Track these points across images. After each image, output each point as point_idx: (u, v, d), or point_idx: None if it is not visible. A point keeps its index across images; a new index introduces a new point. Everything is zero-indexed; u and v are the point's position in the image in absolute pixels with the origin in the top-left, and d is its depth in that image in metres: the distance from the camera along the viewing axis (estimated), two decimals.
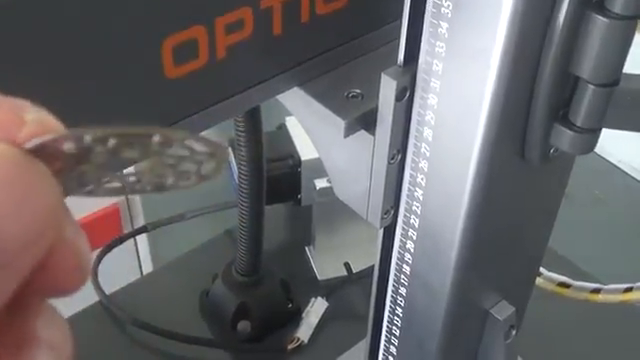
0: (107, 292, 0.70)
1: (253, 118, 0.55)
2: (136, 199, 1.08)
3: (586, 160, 0.40)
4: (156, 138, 0.18)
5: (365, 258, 0.72)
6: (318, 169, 0.68)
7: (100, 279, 0.71)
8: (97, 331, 0.69)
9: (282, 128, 0.73)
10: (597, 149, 0.34)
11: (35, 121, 0.17)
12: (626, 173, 1.85)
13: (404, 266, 0.41)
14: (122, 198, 1.05)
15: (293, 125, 0.72)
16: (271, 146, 0.67)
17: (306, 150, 0.70)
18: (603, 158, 1.84)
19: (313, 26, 0.37)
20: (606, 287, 0.52)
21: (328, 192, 0.68)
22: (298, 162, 0.69)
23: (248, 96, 0.36)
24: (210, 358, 0.67)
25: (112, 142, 0.18)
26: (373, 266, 0.44)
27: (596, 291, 0.53)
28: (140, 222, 1.08)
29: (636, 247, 1.63)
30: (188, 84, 0.33)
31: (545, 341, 0.66)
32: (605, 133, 0.33)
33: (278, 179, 0.69)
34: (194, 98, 0.34)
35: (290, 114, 0.41)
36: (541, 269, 0.52)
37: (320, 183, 0.69)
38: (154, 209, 1.05)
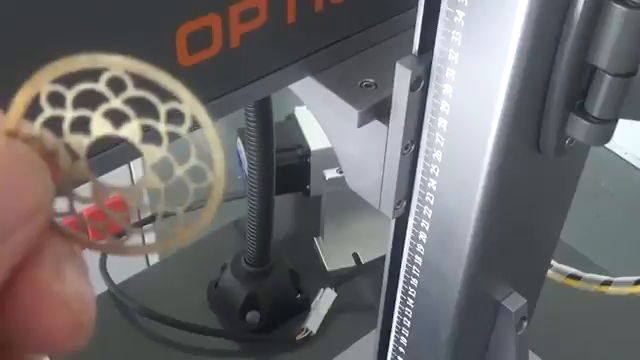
0: (116, 282, 0.70)
1: (263, 108, 0.55)
2: (144, 189, 1.08)
3: (592, 152, 0.40)
4: (106, 75, 0.18)
5: (374, 249, 0.72)
6: (327, 159, 0.68)
7: (108, 269, 0.71)
8: (105, 320, 0.69)
9: (291, 118, 0.72)
10: None
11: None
12: (632, 165, 1.84)
13: (416, 257, 0.41)
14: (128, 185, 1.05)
15: (302, 115, 0.72)
16: (280, 136, 0.67)
17: (315, 140, 0.69)
18: (609, 150, 1.83)
19: (327, 15, 0.36)
20: (616, 279, 0.52)
21: (337, 182, 0.68)
22: (307, 152, 0.69)
23: (261, 85, 0.35)
24: (219, 348, 0.67)
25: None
26: (382, 257, 0.44)
27: (606, 283, 0.53)
28: (147, 212, 1.08)
29: None
30: (201, 72, 0.33)
31: (555, 333, 0.66)
32: None
33: (287, 169, 0.69)
34: (207, 86, 0.34)
35: (300, 104, 0.41)
36: (552, 261, 0.52)
37: (329, 173, 0.69)
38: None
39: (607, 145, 1.76)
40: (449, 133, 0.35)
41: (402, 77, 0.34)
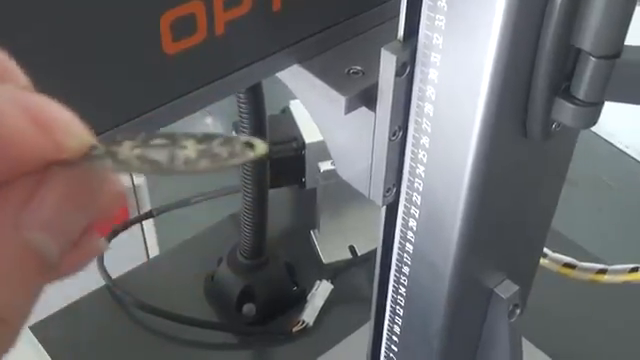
0: (113, 276, 0.71)
1: (256, 99, 0.55)
2: (142, 185, 1.08)
3: (594, 145, 0.40)
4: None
5: (370, 241, 0.72)
6: (322, 152, 0.68)
7: (106, 264, 0.71)
8: (103, 315, 0.70)
9: (286, 111, 0.73)
10: (605, 134, 0.34)
11: (75, 145, 0.19)
12: (633, 158, 1.84)
13: (407, 245, 0.41)
14: (127, 185, 1.06)
15: (297, 108, 0.72)
16: (275, 129, 0.67)
17: (310, 133, 0.69)
18: (611, 144, 1.83)
19: (313, 3, 0.37)
20: (611, 267, 0.52)
21: (332, 175, 0.68)
22: (302, 145, 0.69)
23: (248, 73, 0.35)
24: (215, 341, 0.67)
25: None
26: None
27: (601, 272, 0.53)
28: (146, 207, 1.08)
29: None
30: (187, 60, 0.33)
31: (549, 321, 0.66)
32: (613, 118, 0.33)
33: (282, 162, 0.69)
34: (194, 74, 0.34)
35: (294, 97, 0.41)
36: (546, 250, 0.52)
37: (324, 166, 0.69)
38: (160, 194, 1.05)
39: (609, 139, 1.76)
40: (435, 119, 0.35)
41: (388, 63, 0.34)
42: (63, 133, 0.18)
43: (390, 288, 0.45)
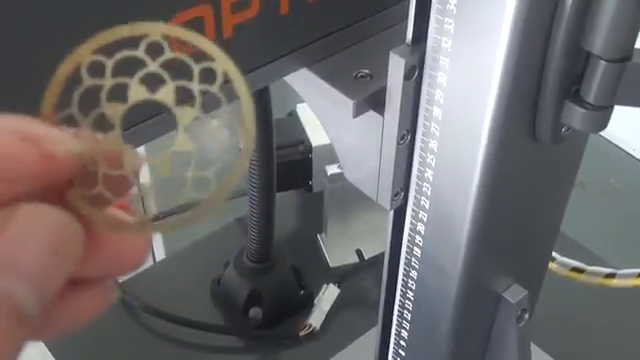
0: (120, 280, 0.71)
1: (263, 102, 0.55)
2: (149, 188, 1.08)
3: (601, 148, 0.40)
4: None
5: (377, 245, 0.72)
6: (329, 155, 0.68)
7: None
8: (109, 318, 0.69)
9: (293, 115, 0.73)
10: (612, 137, 0.33)
11: (63, 153, 0.19)
12: None
13: (415, 249, 0.41)
14: (134, 188, 1.06)
15: (304, 111, 0.72)
16: (282, 132, 0.67)
17: (317, 136, 0.69)
18: (618, 147, 1.82)
19: (321, 6, 0.36)
20: (620, 272, 0.52)
21: (339, 178, 0.68)
22: (309, 148, 0.69)
23: (255, 76, 0.35)
24: (222, 345, 0.67)
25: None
26: None
27: (610, 276, 0.53)
28: (153, 210, 1.08)
29: None
30: None
31: (558, 326, 0.66)
32: (621, 122, 0.33)
33: (289, 165, 0.69)
34: None
35: (301, 101, 0.41)
36: (555, 254, 0.51)
37: (331, 169, 0.69)
38: (167, 197, 1.05)
39: (616, 142, 1.76)
40: (444, 122, 0.35)
41: (396, 66, 0.34)
42: (49, 142, 0.18)
43: (398, 292, 0.44)
